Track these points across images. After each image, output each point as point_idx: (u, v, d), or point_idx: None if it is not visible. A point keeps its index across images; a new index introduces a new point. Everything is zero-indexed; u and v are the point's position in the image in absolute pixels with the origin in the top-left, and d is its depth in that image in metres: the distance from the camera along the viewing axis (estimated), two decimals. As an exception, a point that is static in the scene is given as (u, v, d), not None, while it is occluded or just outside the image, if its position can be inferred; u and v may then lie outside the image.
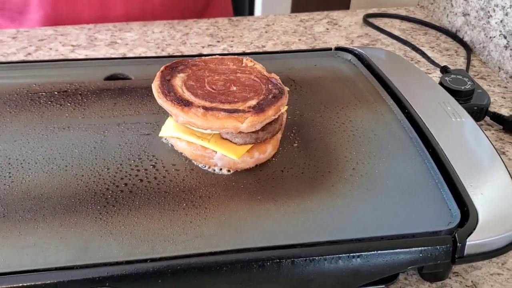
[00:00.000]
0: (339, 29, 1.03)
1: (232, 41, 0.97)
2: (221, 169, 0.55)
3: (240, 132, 0.53)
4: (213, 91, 0.54)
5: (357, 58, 0.76)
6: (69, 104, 0.64)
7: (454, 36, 1.01)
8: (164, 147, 0.58)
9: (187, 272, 0.43)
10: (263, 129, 0.54)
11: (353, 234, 0.48)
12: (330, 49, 0.79)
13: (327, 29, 1.03)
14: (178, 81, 0.55)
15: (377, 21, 1.06)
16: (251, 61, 0.60)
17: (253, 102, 0.53)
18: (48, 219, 0.47)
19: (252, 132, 0.53)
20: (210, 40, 0.97)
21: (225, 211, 0.49)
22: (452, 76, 0.74)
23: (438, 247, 0.46)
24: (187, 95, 0.54)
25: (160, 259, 0.44)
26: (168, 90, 0.54)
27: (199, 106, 0.52)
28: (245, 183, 0.53)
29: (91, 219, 0.48)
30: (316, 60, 0.76)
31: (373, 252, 0.46)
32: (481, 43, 0.94)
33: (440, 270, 0.50)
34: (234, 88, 0.55)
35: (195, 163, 0.55)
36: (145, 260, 0.44)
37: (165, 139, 0.58)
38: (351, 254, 0.45)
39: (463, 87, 0.71)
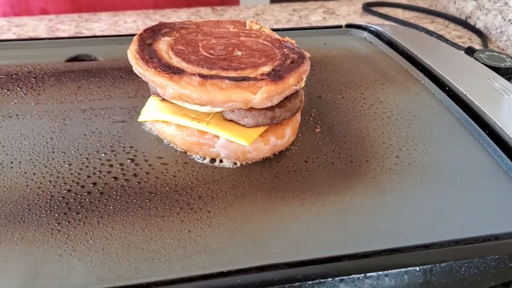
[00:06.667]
0: (338, 18, 0.91)
1: (217, 30, 0.83)
2: (221, 161, 0.41)
3: (250, 110, 0.39)
4: (211, 56, 0.41)
5: (374, 35, 0.64)
6: (19, 88, 0.49)
7: (464, 23, 0.90)
8: (146, 136, 0.43)
9: (189, 303, 0.29)
10: (280, 106, 0.40)
11: (415, 239, 0.34)
12: (341, 26, 0.66)
13: (324, 18, 0.91)
14: (162, 45, 0.42)
15: (378, 10, 0.95)
16: (256, 23, 0.46)
17: (266, 69, 0.39)
18: (-20, 234, 0.33)
19: (266, 109, 0.40)
20: (192, 29, 0.83)
21: (235, 215, 0.35)
22: (488, 53, 0.62)
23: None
24: (176, 61, 0.40)
25: (148, 285, 0.30)
26: (150, 55, 0.40)
27: (193, 74, 0.38)
28: (259, 178, 0.39)
29: (45, 232, 0.33)
30: (326, 39, 0.64)
31: (449, 263, 0.32)
32: (498, 27, 0.83)
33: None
34: (239, 53, 0.41)
35: (189, 154, 0.41)
36: (125, 288, 0.29)
37: (148, 126, 0.44)
38: (421, 267, 0.32)
39: (502, 64, 0.60)
